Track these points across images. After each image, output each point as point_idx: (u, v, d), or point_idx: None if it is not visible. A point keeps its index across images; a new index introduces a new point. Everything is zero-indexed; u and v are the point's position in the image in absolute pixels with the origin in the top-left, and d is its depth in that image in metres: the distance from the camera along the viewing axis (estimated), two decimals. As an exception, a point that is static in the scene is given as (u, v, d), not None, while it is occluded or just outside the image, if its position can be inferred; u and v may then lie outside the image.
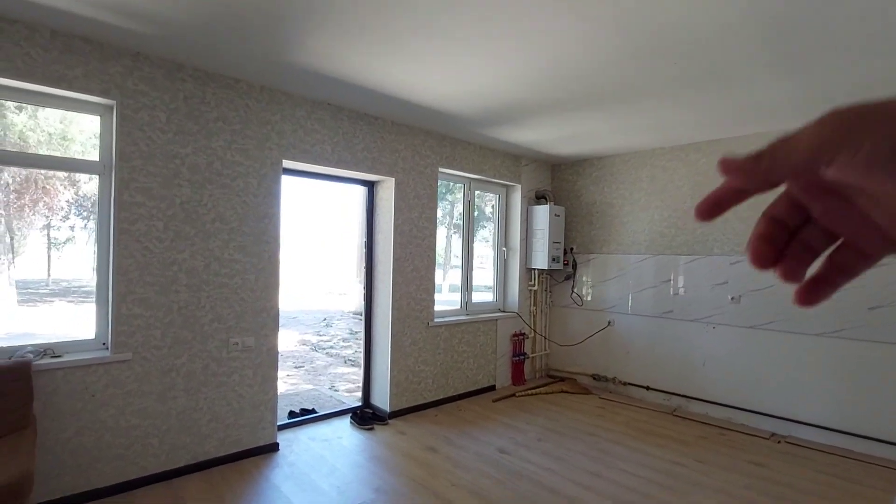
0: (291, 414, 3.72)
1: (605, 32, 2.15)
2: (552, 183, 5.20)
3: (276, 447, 3.07)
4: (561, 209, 4.87)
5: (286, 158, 3.08)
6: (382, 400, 3.80)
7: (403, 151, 3.78)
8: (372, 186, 3.93)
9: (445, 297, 4.14)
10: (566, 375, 4.97)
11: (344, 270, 15.04)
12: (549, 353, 5.16)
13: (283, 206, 3.10)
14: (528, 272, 4.95)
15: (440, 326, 4.10)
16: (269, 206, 3.01)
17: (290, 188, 3.06)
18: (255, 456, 2.96)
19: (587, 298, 4.85)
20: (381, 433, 3.45)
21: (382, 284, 3.84)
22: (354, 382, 5.54)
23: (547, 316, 5.17)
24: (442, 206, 4.10)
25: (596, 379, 4.71)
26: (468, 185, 4.57)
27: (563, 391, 4.57)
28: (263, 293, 3.00)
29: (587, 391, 4.60)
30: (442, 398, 4.12)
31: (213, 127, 2.77)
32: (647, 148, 4.35)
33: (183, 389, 2.69)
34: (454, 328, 4.23)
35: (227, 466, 2.82)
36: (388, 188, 3.79)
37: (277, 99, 3.04)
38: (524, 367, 4.86)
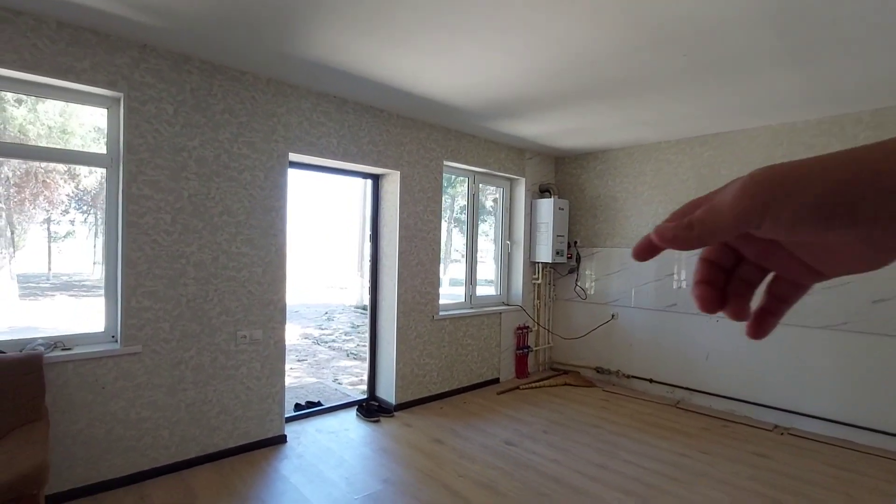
0: (297, 406, 3.75)
1: (613, 24, 2.15)
2: (556, 176, 5.20)
3: (283, 439, 3.09)
4: (565, 202, 4.87)
5: (292, 151, 3.08)
6: (388, 392, 3.83)
7: (409, 145, 3.77)
8: (377, 180, 3.93)
9: (446, 290, 4.15)
10: (570, 368, 4.99)
11: (344, 264, 15.04)
12: (552, 346, 5.19)
13: (289, 199, 3.10)
14: (531, 266, 4.96)
15: (445, 320, 4.11)
16: (275, 199, 3.01)
17: (291, 181, 3.07)
18: (263, 448, 2.98)
19: (591, 292, 4.86)
20: (387, 425, 3.47)
21: (387, 278, 3.85)
22: (357, 375, 5.56)
23: (550, 309, 5.19)
24: (442, 199, 4.10)
25: (599, 372, 4.74)
26: (472, 178, 4.56)
27: (566, 384, 4.60)
28: (271, 286, 3.01)
29: (591, 384, 4.62)
30: (447, 391, 4.14)
31: (219, 119, 2.76)
32: (651, 141, 4.35)
33: (192, 382, 2.70)
34: (458, 321, 4.24)
35: (236, 458, 2.84)
36: (393, 181, 3.79)
37: (283, 91, 3.03)
38: (528, 360, 4.89)
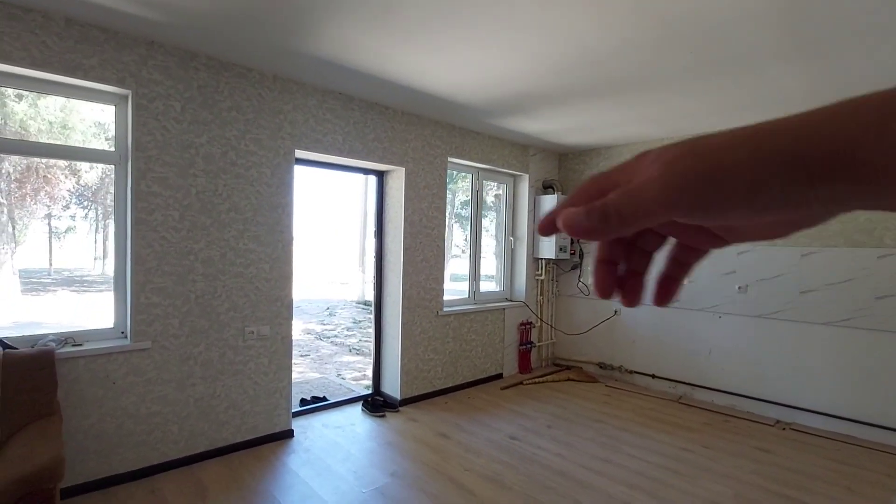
0: (303, 401, 3.78)
1: (621, 21, 2.15)
2: (560, 172, 5.21)
3: (291, 433, 3.12)
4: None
5: (299, 148, 3.09)
6: (393, 388, 3.86)
7: (413, 141, 3.78)
8: (382, 176, 3.94)
9: (447, 286, 4.18)
10: (572, 364, 5.03)
11: (345, 260, 15.06)
12: (555, 341, 5.22)
13: (295, 196, 3.11)
14: (535, 262, 4.98)
15: (449, 316, 4.13)
16: (282, 195, 3.02)
17: (296, 178, 3.09)
18: (271, 442, 3.01)
19: (593, 288, 4.88)
20: (392, 420, 3.50)
21: (392, 274, 3.87)
22: (360, 371, 5.60)
23: (553, 305, 5.21)
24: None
25: (602, 367, 4.77)
26: (476, 174, 4.57)
27: (569, 379, 4.63)
28: (277, 283, 3.03)
29: (593, 379, 4.66)
30: (451, 386, 4.17)
31: (226, 116, 2.77)
32: (655, 138, 4.35)
33: (201, 377, 2.72)
34: (463, 317, 4.26)
35: (244, 452, 2.87)
36: (398, 178, 3.80)
37: (289, 88, 3.03)
38: (531, 355, 4.92)
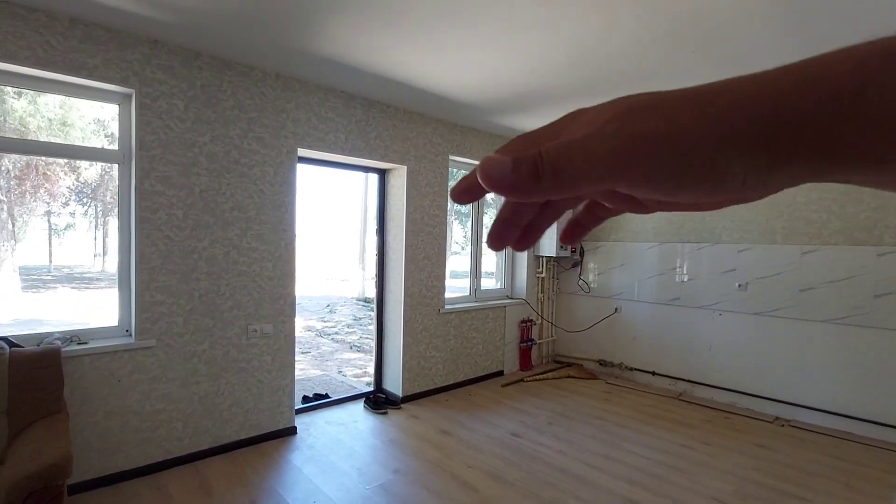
0: (305, 399, 3.80)
1: (626, 20, 2.16)
2: (560, 170, 5.21)
3: (294, 430, 3.15)
4: (569, 197, 4.88)
5: (301, 147, 3.09)
6: (395, 385, 3.88)
7: (415, 139, 3.79)
8: (384, 174, 3.95)
9: (447, 283, 4.20)
10: (573, 361, 5.05)
11: (345, 257, 15.07)
12: (555, 339, 5.24)
13: (298, 194, 3.12)
14: (535, 259, 4.99)
15: (451, 313, 4.15)
16: (284, 194, 3.03)
17: (297, 175, 3.11)
18: (274, 439, 3.03)
19: (594, 285, 4.90)
20: (394, 417, 3.53)
21: (394, 272, 3.88)
22: (361, 368, 5.62)
23: (554, 303, 5.23)
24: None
25: (602, 364, 4.80)
26: (477, 172, 4.58)
27: (570, 376, 4.66)
28: (280, 281, 3.04)
29: (594, 376, 4.68)
30: (452, 383, 4.20)
31: (229, 115, 2.78)
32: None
33: (205, 375, 2.74)
34: (464, 315, 4.28)
35: (248, 449, 2.89)
36: (399, 176, 3.81)
37: (292, 86, 3.04)
38: (532, 352, 4.94)
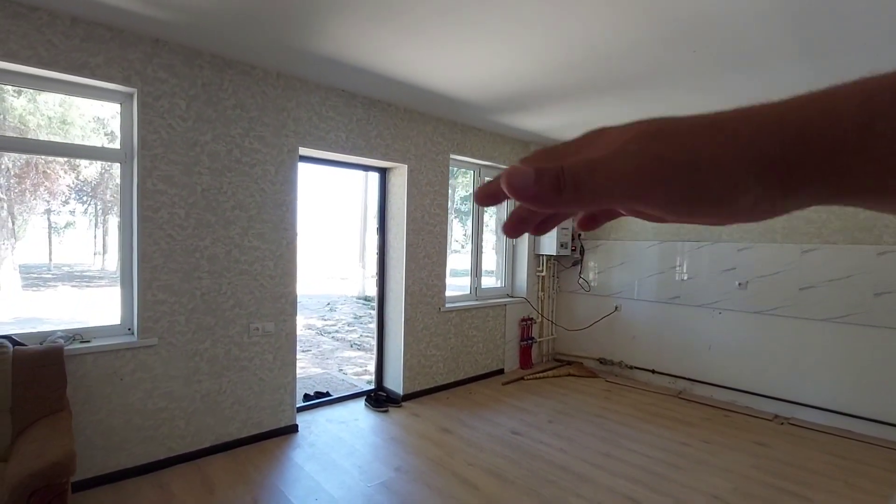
0: (306, 397, 3.81)
1: (629, 19, 2.16)
2: (560, 169, 5.22)
3: (295, 428, 3.16)
4: (569, 195, 4.89)
5: (302, 146, 3.10)
6: (395, 383, 3.89)
7: (416, 138, 3.79)
8: (384, 173, 3.95)
9: (447, 281, 4.21)
10: (573, 359, 5.07)
11: (345, 255, 15.08)
12: (556, 337, 5.25)
13: (299, 193, 3.13)
14: (536, 258, 5.00)
15: (451, 312, 4.16)
16: (286, 193, 3.04)
17: (299, 174, 3.11)
18: (276, 437, 3.04)
19: (594, 284, 4.92)
20: (395, 415, 3.54)
21: (395, 271, 3.89)
22: (361, 366, 5.63)
23: (554, 301, 5.25)
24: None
25: (602, 363, 4.81)
26: (478, 171, 4.58)
27: (570, 374, 4.67)
28: (282, 279, 3.05)
29: (594, 374, 4.70)
30: (452, 381, 4.21)
31: (231, 114, 2.78)
32: (656, 135, 4.36)
33: (207, 373, 2.75)
34: (464, 313, 4.29)
35: (250, 447, 2.90)
36: (400, 175, 3.81)
37: (293, 85, 3.04)
38: (532, 351, 4.96)
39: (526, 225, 0.28)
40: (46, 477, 1.65)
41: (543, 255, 4.94)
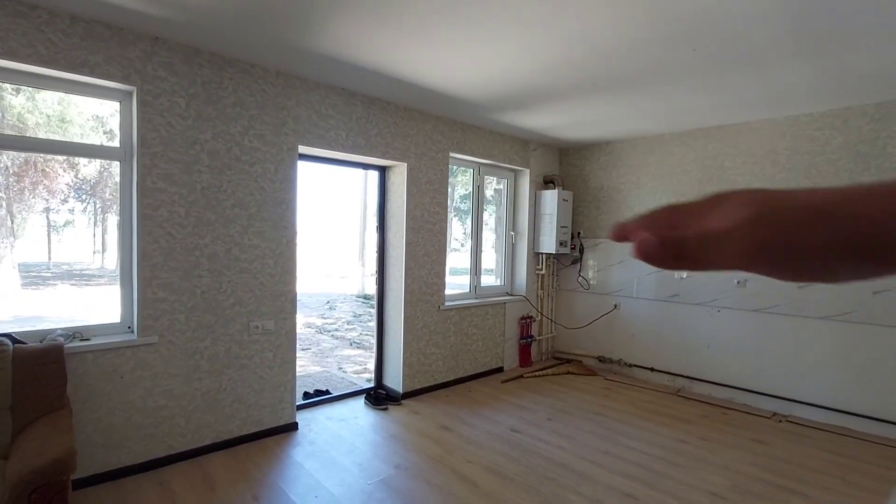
0: (306, 395, 3.82)
1: (629, 18, 2.16)
2: (560, 168, 5.23)
3: (295, 426, 3.17)
4: (569, 194, 4.90)
5: (302, 144, 3.10)
6: (395, 381, 3.90)
7: (415, 137, 3.79)
8: (384, 171, 3.95)
9: (447, 280, 4.21)
10: (572, 357, 5.08)
11: (345, 253, 15.08)
12: (555, 335, 5.26)
13: (298, 191, 3.13)
14: (535, 256, 5.01)
15: (451, 310, 4.17)
16: (286, 191, 3.04)
17: (298, 172, 3.12)
18: (276, 435, 3.05)
19: (593, 282, 4.92)
20: (395, 413, 3.55)
21: (394, 269, 3.89)
22: (361, 364, 5.64)
23: (554, 299, 5.26)
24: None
25: (601, 361, 4.82)
26: (477, 169, 4.59)
27: (569, 372, 4.68)
28: (282, 277, 3.06)
29: (593, 373, 4.71)
30: (452, 379, 4.22)
31: (230, 112, 2.78)
32: (655, 133, 4.37)
33: (207, 371, 2.76)
34: (464, 311, 4.30)
35: (250, 445, 2.91)
36: (400, 173, 3.81)
37: (292, 84, 3.04)
38: (531, 349, 4.97)
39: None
40: (47, 474, 1.66)
41: (543, 253, 4.95)
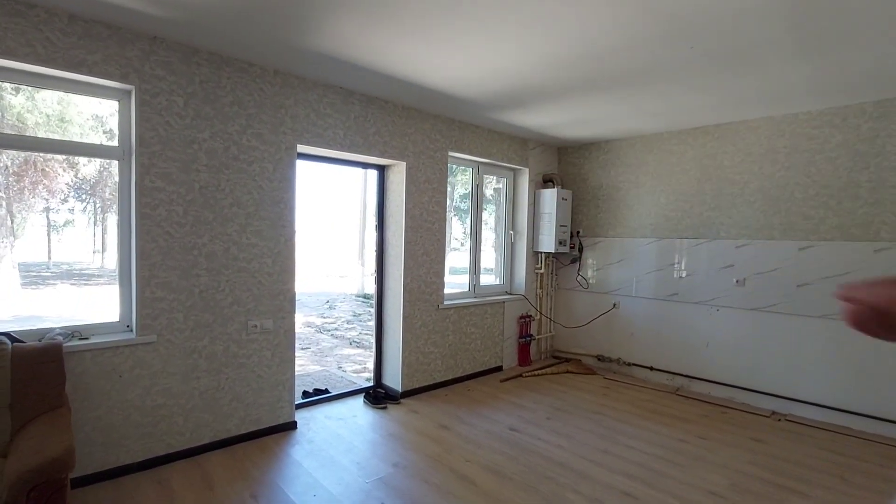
0: (305, 394, 3.82)
1: (627, 16, 2.16)
2: (559, 167, 5.23)
3: (294, 425, 3.17)
4: (568, 193, 4.90)
5: (300, 143, 3.10)
6: (394, 380, 3.90)
7: (414, 135, 3.79)
8: (383, 170, 3.95)
9: (446, 279, 4.22)
10: (571, 356, 5.08)
11: (344, 253, 15.08)
12: (554, 334, 5.27)
13: (297, 190, 3.13)
14: (534, 255, 5.01)
15: (449, 309, 4.17)
16: (284, 190, 3.04)
17: (297, 172, 3.12)
18: (274, 434, 3.05)
19: (592, 281, 4.92)
20: (394, 412, 3.55)
21: (393, 268, 3.90)
22: (360, 363, 5.64)
23: (553, 298, 5.26)
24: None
25: (601, 360, 4.82)
26: (476, 168, 4.59)
27: (568, 371, 4.69)
28: (280, 276, 3.06)
29: (592, 371, 4.71)
30: (451, 379, 4.22)
31: (228, 111, 2.78)
32: (654, 131, 4.37)
33: (205, 370, 2.76)
34: (463, 310, 4.30)
35: (248, 444, 2.92)
36: (398, 172, 3.81)
37: (290, 83, 3.04)
38: (530, 348, 4.97)
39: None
40: (45, 473, 1.66)
41: (542, 252, 4.95)
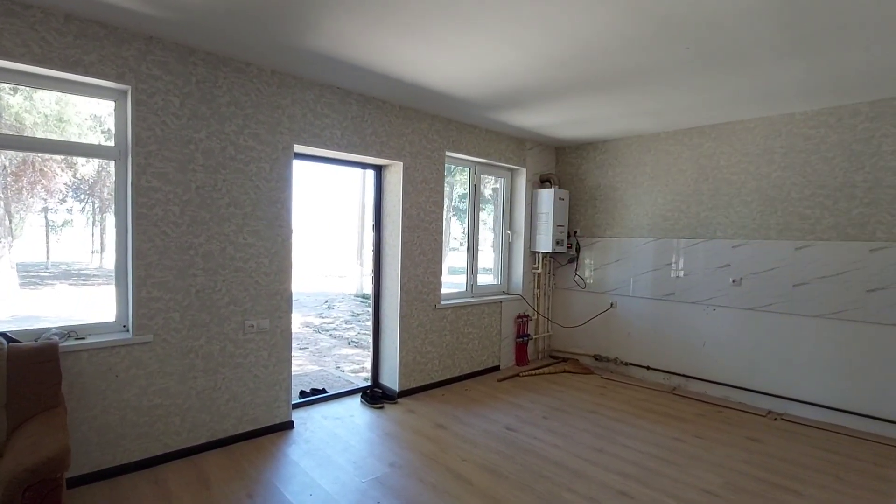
0: (303, 393, 3.82)
1: (620, 15, 2.16)
2: (556, 167, 5.23)
3: (291, 425, 3.17)
4: (565, 193, 4.91)
5: (297, 143, 3.10)
6: (391, 380, 3.91)
7: (411, 135, 3.80)
8: (380, 170, 3.96)
9: (444, 279, 4.22)
10: (568, 356, 5.09)
11: (343, 253, 15.08)
12: (551, 334, 5.27)
13: (294, 190, 3.13)
14: (532, 255, 5.02)
15: (447, 308, 4.18)
16: (281, 190, 3.05)
17: (294, 171, 3.12)
18: (271, 433, 3.06)
19: (590, 281, 4.93)
20: (391, 411, 3.55)
21: (391, 268, 3.90)
22: (358, 363, 5.65)
23: (550, 298, 5.26)
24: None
25: (598, 359, 4.83)
26: (474, 168, 4.59)
27: (565, 371, 4.69)
28: (277, 276, 3.06)
29: (589, 371, 4.72)
30: (448, 378, 4.23)
31: (225, 111, 2.78)
32: (651, 132, 4.38)
33: (202, 370, 2.76)
34: (460, 310, 4.31)
35: (245, 443, 2.92)
36: (396, 172, 3.82)
37: (287, 83, 3.04)
38: (527, 348, 4.98)
39: None
40: (40, 472, 1.66)
41: (539, 252, 4.96)
